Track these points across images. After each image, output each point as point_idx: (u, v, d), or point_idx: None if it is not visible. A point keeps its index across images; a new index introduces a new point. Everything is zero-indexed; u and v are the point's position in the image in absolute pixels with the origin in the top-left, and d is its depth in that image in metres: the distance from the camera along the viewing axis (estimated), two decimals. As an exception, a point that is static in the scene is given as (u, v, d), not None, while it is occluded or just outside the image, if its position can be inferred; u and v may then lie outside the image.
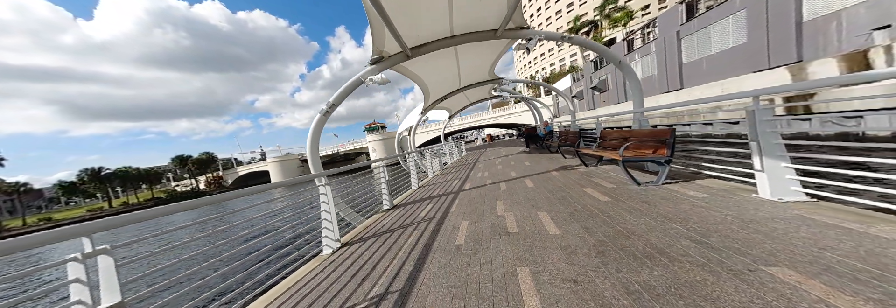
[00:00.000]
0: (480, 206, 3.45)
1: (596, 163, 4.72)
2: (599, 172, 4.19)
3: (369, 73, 4.04)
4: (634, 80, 5.02)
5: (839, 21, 6.95)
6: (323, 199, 2.80)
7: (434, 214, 3.40)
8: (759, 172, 2.20)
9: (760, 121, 2.14)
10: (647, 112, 4.87)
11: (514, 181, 4.69)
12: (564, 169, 5.06)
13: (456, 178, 6.28)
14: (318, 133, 3.98)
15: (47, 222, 44.08)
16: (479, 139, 39.49)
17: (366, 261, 2.30)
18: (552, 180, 4.23)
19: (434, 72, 7.08)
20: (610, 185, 3.40)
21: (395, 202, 4.48)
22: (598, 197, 3.00)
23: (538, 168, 5.69)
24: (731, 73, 9.61)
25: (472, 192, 4.33)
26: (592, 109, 20.12)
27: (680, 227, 1.97)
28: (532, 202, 3.21)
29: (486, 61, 7.64)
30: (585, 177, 4.05)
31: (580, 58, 56.77)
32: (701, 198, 2.45)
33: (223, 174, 63.64)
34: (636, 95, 5.04)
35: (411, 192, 5.25)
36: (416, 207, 3.91)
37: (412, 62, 5.15)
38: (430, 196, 4.60)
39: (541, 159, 7.03)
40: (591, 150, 4.26)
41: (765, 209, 2.03)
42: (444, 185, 5.51)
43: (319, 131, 3.99)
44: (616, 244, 1.86)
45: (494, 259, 1.94)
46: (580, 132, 5.95)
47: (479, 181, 5.27)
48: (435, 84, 8.15)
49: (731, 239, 1.70)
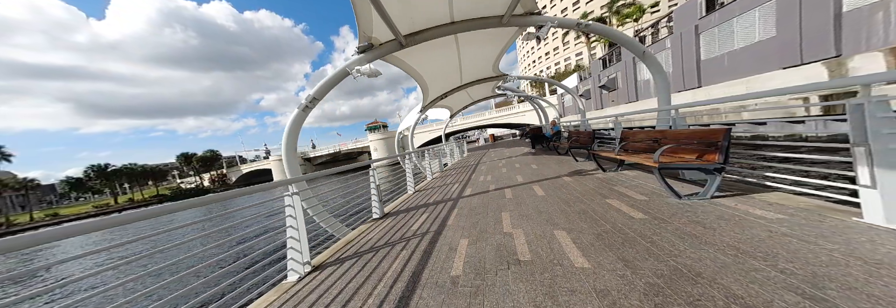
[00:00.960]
0: (483, 218, 2.89)
1: (616, 168, 4.13)
2: (622, 180, 3.60)
3: (357, 63, 3.49)
4: (661, 74, 4.41)
5: (887, 11, 6.23)
6: (289, 213, 2.23)
7: (428, 228, 2.85)
8: (866, 189, 1.61)
9: (873, 117, 1.54)
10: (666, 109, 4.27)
11: (520, 187, 4.12)
12: (578, 174, 4.47)
13: (456, 181, 5.72)
14: (295, 131, 3.45)
15: (54, 218, 44.51)
16: (481, 139, 38.81)
17: (336, 295, 1.76)
18: (566, 188, 3.65)
19: (433, 65, 6.51)
20: (640, 196, 2.81)
21: (386, 210, 3.94)
22: (629, 212, 2.41)
23: (547, 172, 5.11)
24: (756, 70, 8.90)
25: (473, 200, 3.77)
26: (600, 109, 19.40)
27: (767, 266, 1.39)
28: (545, 216, 2.64)
29: (490, 55, 7.06)
30: (606, 185, 3.46)
31: (586, 57, 55.71)
32: (776, 220, 1.86)
33: (227, 172, 63.94)
34: (663, 91, 4.43)
35: (406, 198, 4.71)
36: (409, 217, 3.37)
37: (407, 52, 4.60)
38: (426, 203, 4.05)
39: (549, 162, 6.44)
40: (613, 153, 3.67)
41: (887, 242, 1.44)
42: (443, 189, 4.96)
43: (297, 129, 3.46)
44: (679, 293, 1.29)
45: (502, 305, 1.39)
46: (594, 132, 5.35)
47: (481, 186, 4.71)
48: (434, 79, 7.59)
49: (861, 293, 1.12)
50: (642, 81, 14.61)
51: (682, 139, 2.82)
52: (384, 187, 4.80)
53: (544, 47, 69.78)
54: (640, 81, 14.71)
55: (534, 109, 21.54)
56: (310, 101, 3.45)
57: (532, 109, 29.72)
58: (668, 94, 4.41)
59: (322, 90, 3.53)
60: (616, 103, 17.52)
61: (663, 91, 4.41)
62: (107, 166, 51.79)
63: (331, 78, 3.54)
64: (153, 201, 51.71)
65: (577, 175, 4.38)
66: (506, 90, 14.77)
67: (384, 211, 3.81)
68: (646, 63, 4.50)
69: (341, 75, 3.57)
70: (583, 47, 57.00)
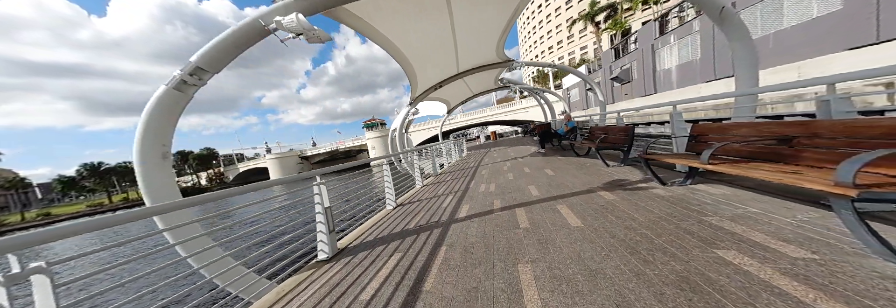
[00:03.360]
0: (486, 277, 1.61)
1: (684, 180, 2.78)
2: (709, 202, 2.26)
3: (276, 13, 2.12)
4: (745, 41, 3.03)
5: None
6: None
7: (391, 297, 1.56)
8: None
9: None
10: (750, 94, 2.91)
11: (538, 207, 2.79)
12: (622, 188, 3.11)
13: (449, 191, 4.40)
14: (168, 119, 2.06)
15: (46, 218, 43.63)
16: (481, 137, 37.38)
17: None
18: (614, 213, 2.32)
19: (420, 42, 5.11)
20: (791, 248, 1.47)
21: (340, 245, 2.62)
22: (796, 293, 1.09)
23: (570, 181, 3.76)
24: (810, 53, 7.46)
25: (471, 229, 2.46)
26: (611, 103, 17.94)
27: None
28: (600, 280, 1.35)
29: (492, 31, 5.66)
30: (687, 212, 2.13)
31: (591, 51, 53.84)
32: None
33: (224, 170, 62.96)
34: (746, 67, 3.05)
35: (376, 222, 3.36)
36: (370, 264, 2.06)
37: (377, 12, 3.23)
38: (403, 229, 2.74)
39: (567, 166, 5.08)
40: (680, 158, 2.31)
41: None
42: (430, 207, 3.63)
43: (170, 117, 2.07)
44: None
45: None
46: (634, 128, 3.98)
47: (483, 201, 3.39)
48: (424, 63, 6.18)
49: None
50: (661, 71, 13.14)
51: (859, 136, 1.47)
52: (358, 200, 3.58)
53: (547, 41, 67.86)
54: (660, 71, 13.23)
55: (538, 105, 20.12)
56: (192, 72, 2.05)
57: (536, 105, 28.24)
58: (753, 70, 3.04)
59: (214, 56, 2.13)
60: (630, 97, 16.06)
61: (747, 66, 3.03)
62: (100, 165, 50.84)
63: (230, 34, 2.12)
64: (148, 200, 50.72)
65: (621, 189, 3.03)
66: (509, 83, 13.37)
67: (337, 247, 2.49)
68: (724, 28, 3.11)
69: (249, 31, 2.17)
70: (587, 41, 55.12)
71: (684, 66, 11.58)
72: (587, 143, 5.32)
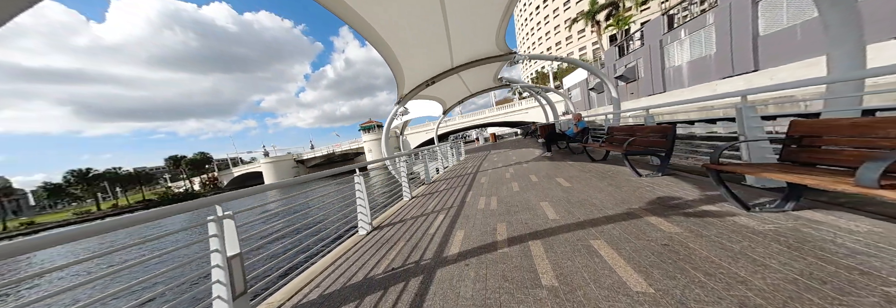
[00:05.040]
0: None
1: (782, 204, 1.87)
2: (861, 243, 1.38)
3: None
4: (847, 5, 2.17)
5: None
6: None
7: None
8: None
9: None
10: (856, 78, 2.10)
11: (564, 243, 1.89)
12: (683, 213, 2.18)
13: (441, 208, 3.49)
14: None
15: (29, 226, 42.09)
16: (480, 139, 36.46)
17: None
18: (692, 263, 1.43)
19: (401, 20, 4.19)
20: None
21: (272, 300, 1.70)
22: None
23: (599, 198, 2.85)
24: (847, 44, 6.64)
25: (465, 285, 1.54)
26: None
27: None
28: None
29: (491, 15, 4.81)
30: (838, 266, 1.24)
31: (590, 52, 53.39)
32: None
33: (218, 175, 61.59)
34: (845, 41, 2.20)
35: (345, 249, 2.45)
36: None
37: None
38: (356, 288, 1.82)
39: (585, 175, 4.17)
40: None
41: None
42: (412, 233, 2.70)
43: None
44: None
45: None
46: (675, 128, 3.10)
47: (482, 229, 2.47)
48: (411, 52, 5.30)
49: None
50: (671, 68, 12.35)
51: None
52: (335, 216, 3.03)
53: (545, 43, 67.58)
54: (669, 68, 12.44)
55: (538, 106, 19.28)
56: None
57: (536, 106, 27.42)
58: (860, 45, 2.18)
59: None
60: (636, 96, 15.26)
61: (846, 41, 2.18)
62: (88, 171, 49.49)
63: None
64: (138, 207, 49.38)
65: (681, 215, 2.11)
66: (509, 81, 12.54)
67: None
68: None
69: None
70: (586, 42, 54.69)
71: (697, 62, 10.80)
72: (605, 146, 4.44)
